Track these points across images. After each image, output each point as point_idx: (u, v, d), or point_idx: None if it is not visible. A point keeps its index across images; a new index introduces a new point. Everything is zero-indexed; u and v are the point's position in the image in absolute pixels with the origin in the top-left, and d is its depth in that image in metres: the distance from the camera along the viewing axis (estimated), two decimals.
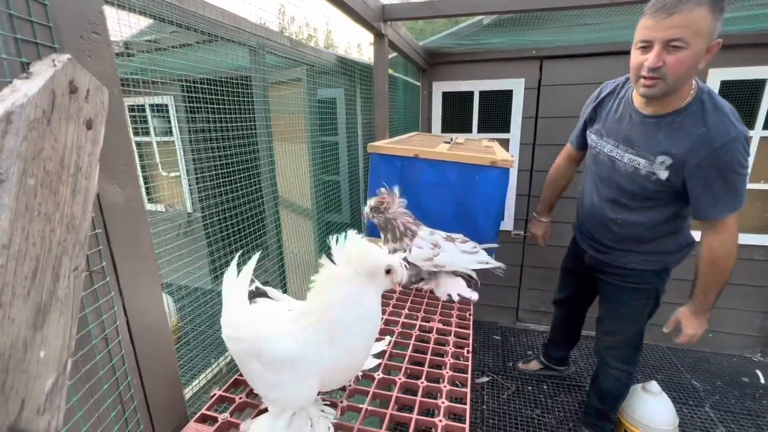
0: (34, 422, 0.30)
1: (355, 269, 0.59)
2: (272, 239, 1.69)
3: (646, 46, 1.08)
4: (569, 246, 1.89)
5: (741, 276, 2.60)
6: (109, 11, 0.84)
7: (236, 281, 0.63)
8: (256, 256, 0.64)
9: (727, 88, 2.38)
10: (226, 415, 0.61)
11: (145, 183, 2.98)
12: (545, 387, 2.44)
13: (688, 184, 1.18)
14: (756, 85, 2.35)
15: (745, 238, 2.53)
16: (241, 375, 0.72)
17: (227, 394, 0.67)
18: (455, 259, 1.16)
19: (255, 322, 0.61)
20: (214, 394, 0.66)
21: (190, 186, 2.94)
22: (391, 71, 2.41)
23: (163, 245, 1.28)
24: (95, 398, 0.42)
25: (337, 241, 0.61)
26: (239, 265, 0.65)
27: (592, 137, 1.42)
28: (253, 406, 0.64)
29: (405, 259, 1.02)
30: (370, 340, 0.63)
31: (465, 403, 0.66)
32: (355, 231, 0.62)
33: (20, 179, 0.29)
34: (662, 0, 1.01)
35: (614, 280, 1.53)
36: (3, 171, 0.28)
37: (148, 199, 3.07)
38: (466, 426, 0.60)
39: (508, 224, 2.99)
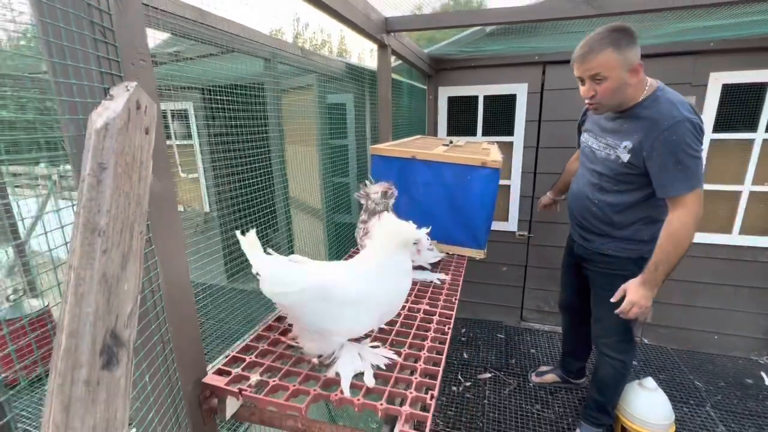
0: (122, 332, 0.44)
1: (395, 240, 0.83)
2: (284, 238, 1.82)
3: (581, 81, 1.43)
4: (566, 244, 2.00)
5: (746, 278, 2.61)
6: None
7: (261, 254, 0.78)
8: (253, 231, 0.79)
9: (728, 91, 2.41)
10: (238, 369, 0.74)
11: None
12: (546, 384, 2.49)
13: (647, 165, 1.39)
14: (758, 89, 2.37)
15: (750, 240, 2.55)
16: (253, 341, 0.85)
17: (239, 355, 0.80)
18: (423, 255, 1.32)
19: (309, 275, 0.81)
20: (228, 355, 0.79)
21: (207, 187, 3.12)
22: (397, 76, 2.54)
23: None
24: (146, 334, 0.57)
25: (380, 218, 0.88)
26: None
27: (584, 135, 1.70)
28: (260, 365, 0.77)
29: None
30: (407, 288, 0.89)
31: (439, 366, 0.77)
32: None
33: (114, 168, 0.44)
34: (578, 51, 1.38)
35: (596, 267, 1.69)
36: (105, 161, 0.43)
37: None
38: (437, 382, 0.71)
39: (512, 225, 3.07)
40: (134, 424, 0.60)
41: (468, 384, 2.54)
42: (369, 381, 0.75)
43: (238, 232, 0.80)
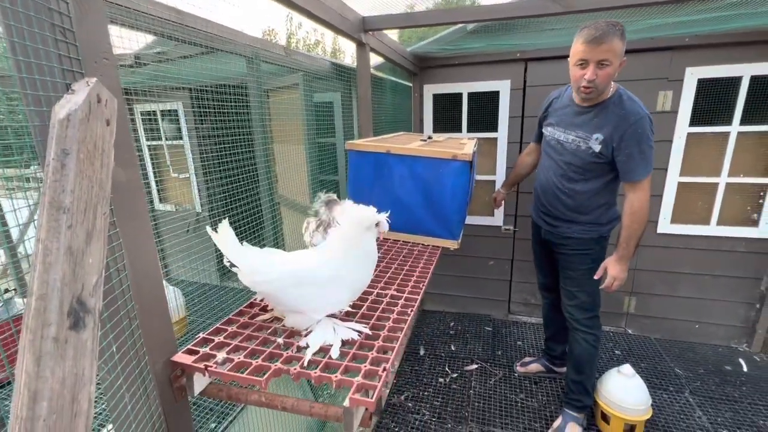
0: (88, 300, 0.50)
1: (358, 225, 0.90)
2: (274, 235, 1.87)
3: (583, 64, 1.50)
4: (531, 232, 2.12)
5: (724, 268, 2.68)
6: (118, 30, 1.03)
7: (238, 247, 0.84)
8: (226, 222, 0.84)
9: (703, 85, 2.47)
10: (206, 349, 0.79)
11: (158, 184, 3.22)
12: (531, 374, 2.55)
13: (615, 154, 1.57)
14: (732, 83, 2.43)
15: (728, 231, 2.61)
16: (223, 325, 0.90)
17: (209, 336, 0.85)
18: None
19: (284, 264, 0.88)
20: (199, 336, 0.84)
21: (198, 187, 3.16)
22: (381, 74, 2.59)
23: (172, 242, 1.47)
24: (113, 308, 0.62)
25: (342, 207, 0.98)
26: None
27: (547, 129, 1.81)
28: (228, 345, 0.82)
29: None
30: (371, 267, 0.96)
31: (395, 343, 0.83)
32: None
33: (77, 154, 0.50)
34: (593, 33, 1.44)
35: (565, 250, 1.82)
36: (68, 148, 0.49)
37: (160, 199, 3.30)
38: (391, 357, 0.76)
39: (497, 220, 3.13)
40: (105, 400, 0.65)
41: (455, 375, 2.60)
42: (334, 353, 0.81)
43: (208, 228, 0.84)
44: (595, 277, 1.75)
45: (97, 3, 0.59)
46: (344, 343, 0.84)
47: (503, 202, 2.44)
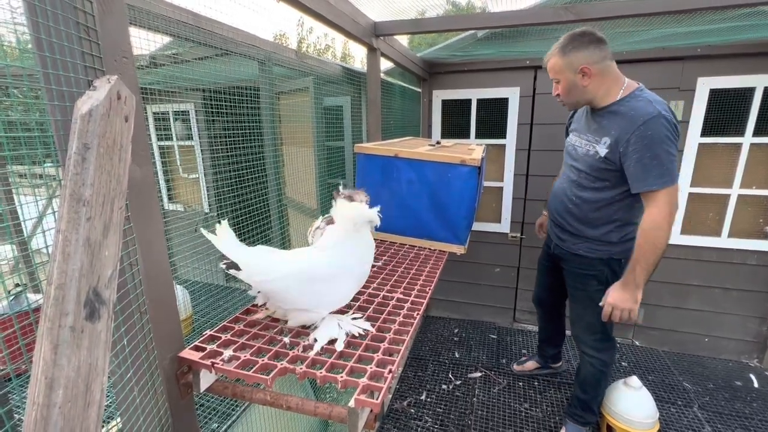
0: (103, 291, 0.51)
1: (352, 222, 0.93)
2: (281, 237, 1.88)
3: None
4: (544, 243, 2.05)
5: (735, 280, 2.63)
6: (136, 31, 1.05)
7: (238, 247, 0.84)
8: (225, 222, 0.84)
9: (716, 96, 2.45)
10: (213, 346, 0.80)
11: (167, 184, 3.26)
12: (536, 383, 2.53)
13: (623, 160, 1.41)
14: (745, 94, 2.41)
15: (739, 243, 2.57)
16: (230, 323, 0.91)
17: (216, 334, 0.85)
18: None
19: (286, 263, 0.89)
20: (206, 333, 0.84)
21: (207, 187, 3.19)
22: (391, 79, 2.60)
23: (180, 239, 1.49)
24: (125, 302, 0.63)
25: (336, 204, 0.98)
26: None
27: (570, 136, 1.76)
28: (235, 343, 0.83)
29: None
30: (371, 256, 1.00)
31: (401, 345, 0.83)
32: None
33: (97, 148, 0.51)
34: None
35: (570, 267, 1.74)
36: (89, 142, 0.50)
37: (169, 198, 3.34)
38: (396, 359, 0.76)
39: (504, 227, 3.11)
40: (114, 393, 0.66)
41: (458, 383, 2.57)
42: (339, 346, 0.82)
43: (203, 230, 0.82)
44: (601, 304, 1.54)
45: (119, 3, 0.61)
46: (349, 342, 0.84)
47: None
